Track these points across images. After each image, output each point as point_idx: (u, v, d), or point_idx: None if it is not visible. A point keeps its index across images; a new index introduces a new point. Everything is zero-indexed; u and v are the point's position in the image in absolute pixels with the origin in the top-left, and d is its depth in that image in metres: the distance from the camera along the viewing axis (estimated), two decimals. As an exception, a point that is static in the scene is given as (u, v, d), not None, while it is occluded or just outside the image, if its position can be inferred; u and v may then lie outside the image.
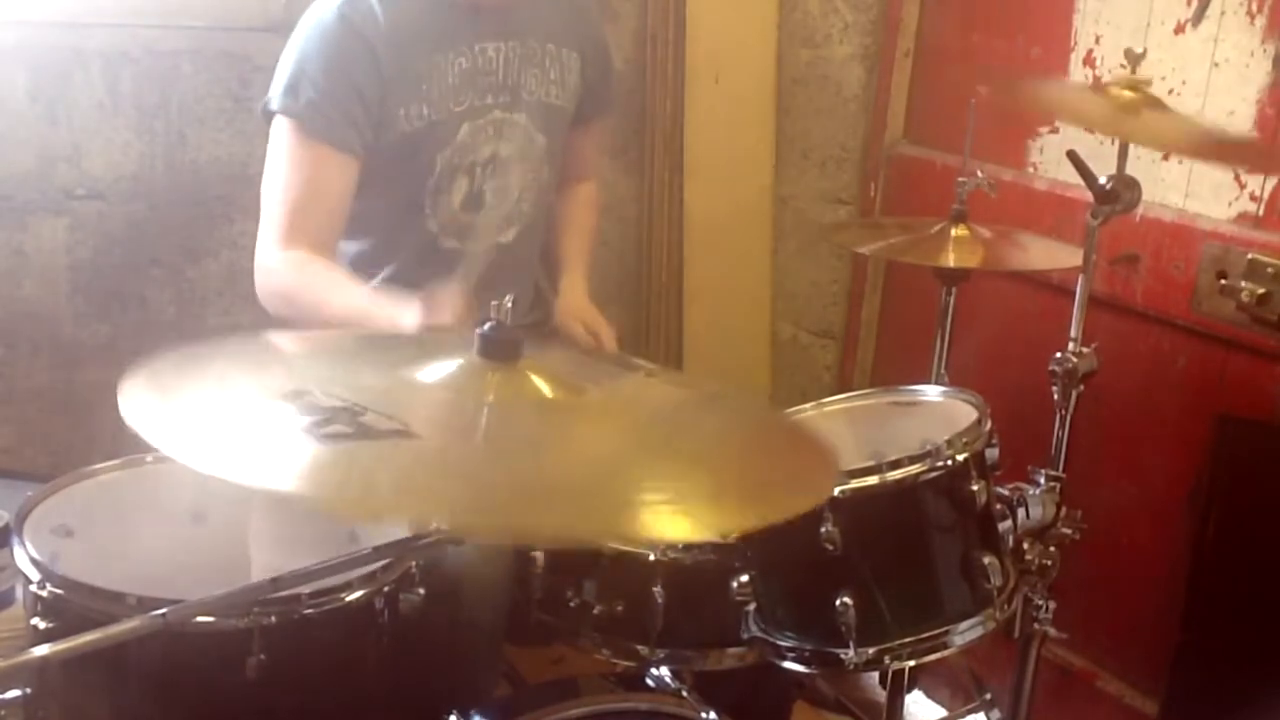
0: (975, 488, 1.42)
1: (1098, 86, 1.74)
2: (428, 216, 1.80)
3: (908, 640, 1.39)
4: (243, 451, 0.95)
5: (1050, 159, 2.21)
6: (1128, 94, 1.63)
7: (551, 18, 1.87)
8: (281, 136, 1.71)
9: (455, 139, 1.78)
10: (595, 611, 1.52)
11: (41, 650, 1.02)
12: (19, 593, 1.36)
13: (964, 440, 1.43)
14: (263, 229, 1.71)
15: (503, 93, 1.81)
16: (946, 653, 1.42)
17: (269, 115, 1.73)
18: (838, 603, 1.36)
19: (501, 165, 1.82)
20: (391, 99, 1.72)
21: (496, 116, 1.81)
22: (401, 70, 1.71)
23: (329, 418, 0.97)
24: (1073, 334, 1.65)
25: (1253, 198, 1.89)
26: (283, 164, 1.71)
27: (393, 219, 1.82)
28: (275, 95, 1.72)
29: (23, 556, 1.23)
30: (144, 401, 1.00)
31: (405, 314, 1.49)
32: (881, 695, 1.67)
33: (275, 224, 1.70)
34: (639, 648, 1.51)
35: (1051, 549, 1.62)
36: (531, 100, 1.84)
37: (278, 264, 1.69)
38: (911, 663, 1.41)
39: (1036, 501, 1.60)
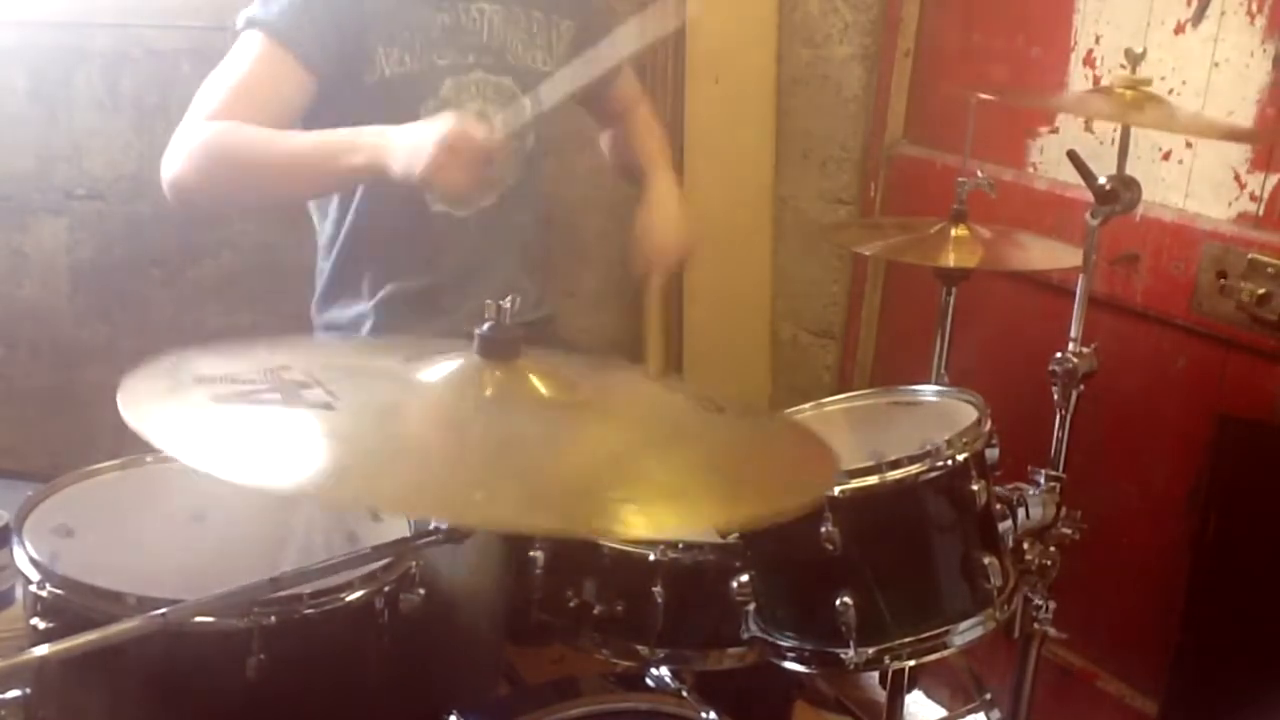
0: (975, 488, 1.42)
1: (1098, 90, 1.74)
2: None
3: (908, 640, 1.39)
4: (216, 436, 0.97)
5: (1050, 159, 2.21)
6: (1129, 93, 1.63)
7: None
8: (244, 43, 1.67)
9: (439, 93, 1.76)
10: (595, 611, 1.52)
11: (41, 650, 1.02)
12: (19, 593, 1.36)
13: (964, 440, 1.43)
14: (192, 110, 1.64)
15: (486, 54, 1.79)
16: (946, 653, 1.42)
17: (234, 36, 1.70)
18: (838, 603, 1.36)
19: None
20: (370, 35, 1.70)
21: (479, 77, 1.79)
22: (383, 10, 1.70)
23: (269, 387, 1.01)
24: (1073, 334, 1.65)
25: (1253, 198, 1.89)
26: (236, 60, 1.66)
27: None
28: (245, 12, 1.69)
29: (22, 556, 1.23)
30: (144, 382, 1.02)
31: (402, 153, 1.51)
32: (881, 695, 1.67)
33: (210, 103, 1.64)
34: (639, 648, 1.52)
35: (1051, 549, 1.62)
36: (517, 65, 1.82)
37: (203, 130, 1.61)
38: (911, 663, 1.41)
39: (1036, 501, 1.60)
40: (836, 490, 1.34)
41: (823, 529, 1.35)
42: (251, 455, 0.94)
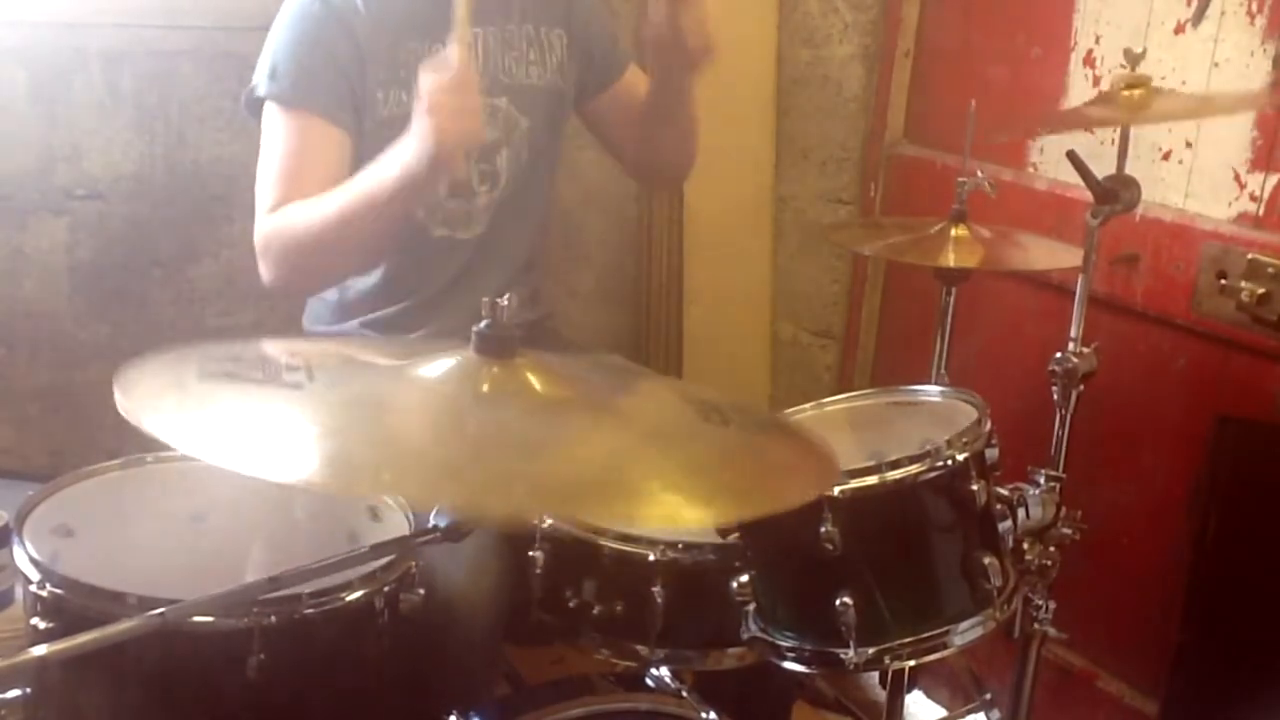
0: (975, 488, 1.41)
1: (1099, 98, 1.73)
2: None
3: (908, 640, 1.39)
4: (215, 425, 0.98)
5: (1050, 159, 2.21)
6: (1134, 93, 1.62)
7: None
8: (269, 119, 1.70)
9: None
10: (595, 611, 1.52)
11: (41, 650, 1.02)
12: (19, 593, 1.36)
13: (964, 440, 1.42)
14: (257, 208, 1.68)
15: (482, 78, 1.80)
16: (946, 653, 1.42)
17: (255, 105, 1.73)
18: (838, 603, 1.36)
19: (485, 151, 1.81)
20: (371, 79, 1.71)
21: None
22: (380, 53, 1.71)
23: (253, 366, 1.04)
24: (1073, 334, 1.65)
25: (1253, 198, 1.89)
26: (271, 141, 1.70)
27: None
28: (259, 82, 1.71)
29: (23, 556, 1.23)
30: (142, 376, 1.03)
31: (413, 143, 1.53)
32: (881, 695, 1.67)
33: (267, 196, 1.67)
34: (639, 648, 1.51)
35: (1051, 549, 1.62)
36: (511, 84, 1.83)
37: (270, 221, 1.66)
38: (911, 663, 1.41)
39: (1036, 501, 1.60)
40: (836, 490, 1.34)
41: (823, 529, 1.35)
42: (224, 433, 0.96)
